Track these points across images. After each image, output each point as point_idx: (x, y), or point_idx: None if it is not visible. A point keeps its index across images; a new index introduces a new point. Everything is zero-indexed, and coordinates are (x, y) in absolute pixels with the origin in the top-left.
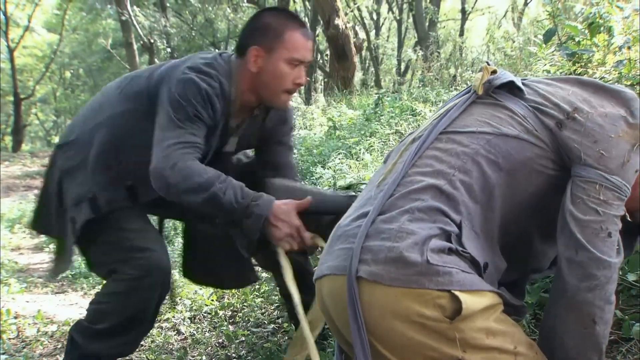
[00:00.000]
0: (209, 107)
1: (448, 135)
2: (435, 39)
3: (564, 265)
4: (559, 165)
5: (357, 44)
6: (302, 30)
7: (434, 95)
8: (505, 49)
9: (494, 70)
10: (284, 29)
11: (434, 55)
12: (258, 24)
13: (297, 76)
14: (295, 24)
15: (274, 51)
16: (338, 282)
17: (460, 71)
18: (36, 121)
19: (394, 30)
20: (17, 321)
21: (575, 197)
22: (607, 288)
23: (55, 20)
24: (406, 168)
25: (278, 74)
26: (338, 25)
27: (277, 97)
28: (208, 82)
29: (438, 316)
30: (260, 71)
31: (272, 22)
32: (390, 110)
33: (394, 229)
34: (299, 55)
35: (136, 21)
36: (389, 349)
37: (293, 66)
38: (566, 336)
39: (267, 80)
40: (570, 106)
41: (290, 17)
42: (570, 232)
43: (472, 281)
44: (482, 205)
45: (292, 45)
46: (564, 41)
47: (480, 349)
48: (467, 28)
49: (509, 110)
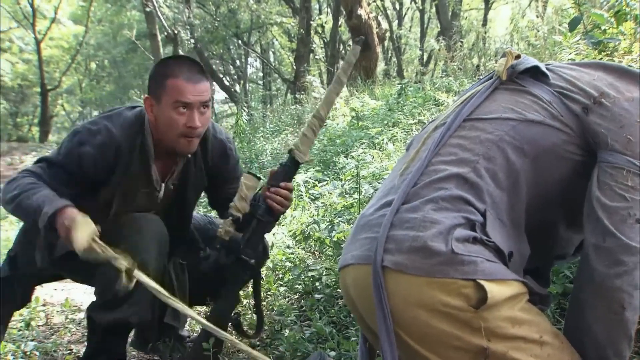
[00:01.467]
0: (77, 160)
1: (472, 122)
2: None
3: (591, 252)
4: (585, 151)
5: (379, 34)
6: (186, 74)
7: (457, 85)
8: (529, 38)
9: (517, 55)
10: (165, 78)
11: (457, 45)
12: (150, 74)
13: (188, 119)
14: (181, 70)
15: (161, 99)
16: (362, 271)
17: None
18: (62, 112)
19: (416, 20)
20: (45, 308)
21: (602, 184)
22: (635, 274)
23: (80, 12)
24: (430, 157)
25: (168, 120)
26: (361, 15)
27: (176, 142)
28: (90, 133)
29: (463, 305)
30: (156, 120)
31: (158, 71)
32: (413, 100)
33: (418, 218)
34: (184, 99)
35: (160, 12)
36: (413, 338)
37: (181, 110)
38: (595, 323)
39: (162, 128)
40: (596, 91)
41: (176, 63)
42: (597, 219)
43: (497, 270)
44: (507, 192)
45: (174, 91)
46: (589, 30)
47: (506, 338)
48: (490, 18)
49: (533, 96)
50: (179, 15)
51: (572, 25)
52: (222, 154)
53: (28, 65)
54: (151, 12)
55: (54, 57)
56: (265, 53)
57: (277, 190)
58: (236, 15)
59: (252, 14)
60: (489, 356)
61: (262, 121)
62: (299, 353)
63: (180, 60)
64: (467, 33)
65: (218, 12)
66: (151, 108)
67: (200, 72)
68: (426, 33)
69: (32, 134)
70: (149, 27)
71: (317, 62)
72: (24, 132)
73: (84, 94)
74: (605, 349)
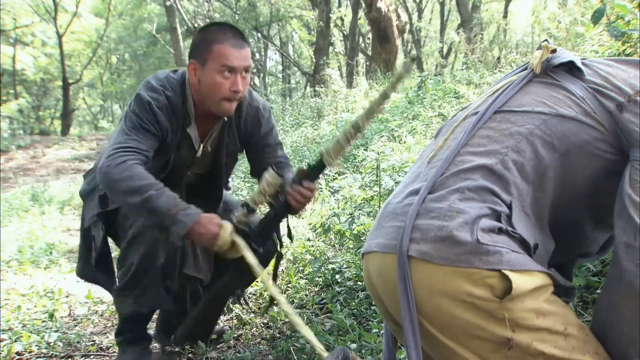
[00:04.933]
0: (153, 117)
1: (503, 114)
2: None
3: (621, 251)
4: (617, 149)
5: (399, 27)
6: (231, 41)
7: (478, 78)
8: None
9: (554, 49)
10: (212, 42)
11: (477, 38)
12: (194, 40)
13: (232, 83)
14: (225, 35)
15: (206, 63)
16: (387, 260)
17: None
18: (84, 105)
19: (436, 12)
20: (68, 300)
21: (634, 181)
22: None
23: (101, 5)
24: (459, 147)
25: (212, 84)
26: (380, 8)
27: (218, 105)
28: (152, 96)
29: (487, 295)
30: (199, 83)
31: (203, 37)
32: (433, 93)
33: (443, 207)
34: (229, 63)
35: (180, 6)
36: (437, 327)
37: (226, 75)
38: (621, 322)
39: (206, 91)
40: (632, 89)
41: (221, 29)
42: (628, 217)
43: (522, 261)
44: (534, 186)
45: (220, 56)
46: (612, 21)
47: (530, 329)
48: (510, 10)
49: (567, 91)
50: (199, 8)
51: (596, 17)
52: (255, 120)
53: (50, 59)
54: (171, 5)
55: (75, 50)
56: (285, 46)
57: (300, 190)
58: (256, 8)
59: (272, 7)
60: (512, 347)
61: (281, 114)
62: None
63: (225, 27)
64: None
65: (238, 5)
66: (195, 72)
67: (242, 38)
68: (446, 25)
69: (54, 127)
70: (169, 20)
71: (337, 55)
72: (47, 126)
73: (105, 88)
74: (628, 349)
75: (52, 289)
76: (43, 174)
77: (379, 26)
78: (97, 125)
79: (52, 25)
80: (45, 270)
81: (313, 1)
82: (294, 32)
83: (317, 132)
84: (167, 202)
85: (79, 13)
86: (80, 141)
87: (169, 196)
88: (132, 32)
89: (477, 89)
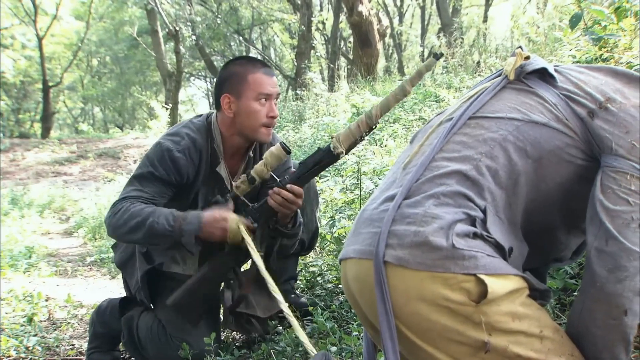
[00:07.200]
0: (169, 164)
1: (477, 120)
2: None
3: (593, 256)
4: (588, 155)
5: (380, 31)
6: (263, 69)
7: (458, 82)
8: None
9: (527, 56)
10: (246, 73)
11: (457, 42)
12: (224, 75)
13: (269, 110)
14: (256, 66)
15: (242, 94)
16: (364, 266)
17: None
18: (64, 108)
19: (417, 16)
20: (48, 304)
21: (605, 187)
22: (636, 280)
23: (82, 8)
24: (434, 152)
25: (251, 112)
26: (362, 12)
27: (257, 132)
28: (173, 140)
29: (464, 300)
30: (236, 115)
31: (234, 70)
32: (413, 96)
33: (419, 213)
34: (265, 91)
35: (162, 9)
36: (414, 332)
37: (262, 102)
38: (593, 326)
39: (244, 120)
40: (603, 96)
41: (250, 61)
42: (600, 222)
43: (498, 265)
44: (507, 191)
45: (256, 85)
46: (589, 26)
47: (506, 332)
48: (490, 14)
49: (539, 97)
50: (181, 11)
51: (573, 22)
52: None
53: (30, 61)
54: (152, 8)
55: (55, 53)
56: (267, 50)
57: (280, 191)
58: (237, 12)
59: (254, 10)
60: (489, 350)
61: None
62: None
63: (252, 58)
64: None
65: (219, 8)
66: (229, 105)
67: (270, 67)
68: (427, 29)
69: (34, 130)
70: (151, 23)
71: (318, 59)
72: (26, 129)
73: (86, 91)
74: (601, 352)
75: (31, 292)
76: (23, 177)
77: (360, 30)
78: (78, 128)
79: (32, 27)
80: (25, 273)
81: (295, 5)
82: (275, 36)
83: (299, 136)
84: (166, 221)
85: (59, 16)
86: (60, 144)
87: (165, 214)
88: (113, 35)
89: (457, 92)
